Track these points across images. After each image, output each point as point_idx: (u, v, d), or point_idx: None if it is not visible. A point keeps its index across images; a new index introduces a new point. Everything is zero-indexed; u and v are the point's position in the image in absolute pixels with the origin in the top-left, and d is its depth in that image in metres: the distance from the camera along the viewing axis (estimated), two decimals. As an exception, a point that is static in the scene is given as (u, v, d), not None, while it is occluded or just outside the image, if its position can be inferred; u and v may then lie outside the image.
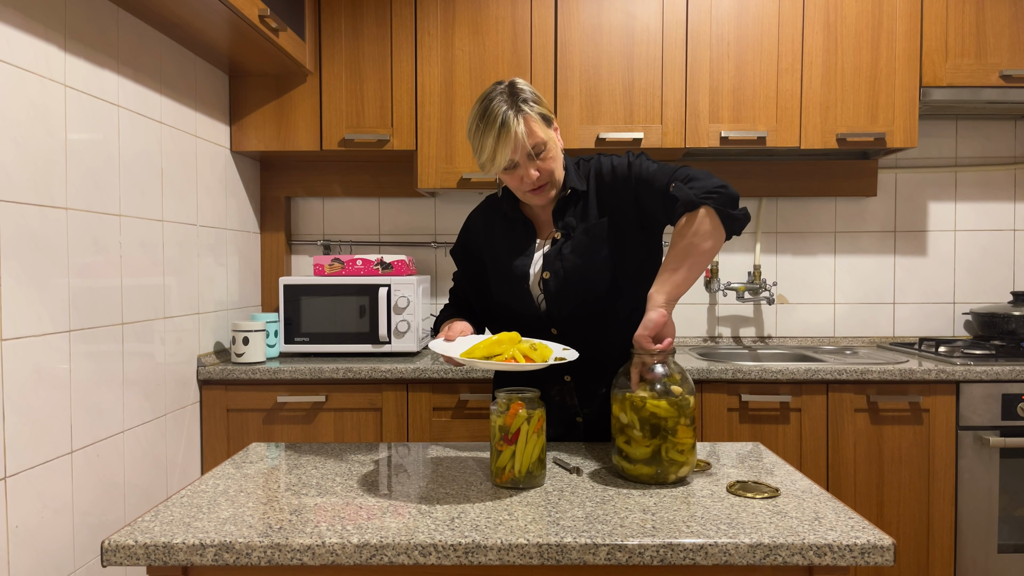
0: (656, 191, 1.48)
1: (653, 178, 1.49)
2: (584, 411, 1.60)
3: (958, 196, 3.02)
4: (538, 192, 1.51)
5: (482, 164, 1.47)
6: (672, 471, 1.30)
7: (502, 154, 1.43)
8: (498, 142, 1.42)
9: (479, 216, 1.70)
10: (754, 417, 2.39)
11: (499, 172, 1.48)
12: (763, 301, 3.02)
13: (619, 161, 1.57)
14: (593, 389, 1.59)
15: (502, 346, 1.33)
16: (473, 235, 1.68)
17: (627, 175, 1.54)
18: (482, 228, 1.67)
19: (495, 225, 1.64)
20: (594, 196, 1.57)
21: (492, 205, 1.68)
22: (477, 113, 1.45)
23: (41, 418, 1.65)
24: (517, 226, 1.61)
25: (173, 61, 2.28)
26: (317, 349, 2.62)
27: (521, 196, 1.55)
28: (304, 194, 3.00)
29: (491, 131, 1.42)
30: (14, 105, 1.59)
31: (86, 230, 1.83)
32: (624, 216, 1.54)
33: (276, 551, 1.05)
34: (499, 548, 1.04)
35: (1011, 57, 2.61)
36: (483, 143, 1.44)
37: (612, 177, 1.55)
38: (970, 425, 2.36)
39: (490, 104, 1.44)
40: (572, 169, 1.58)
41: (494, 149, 1.43)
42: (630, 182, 1.53)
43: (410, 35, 2.66)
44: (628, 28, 2.62)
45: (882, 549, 1.04)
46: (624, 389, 1.34)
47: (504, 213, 1.62)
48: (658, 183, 1.48)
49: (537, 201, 1.54)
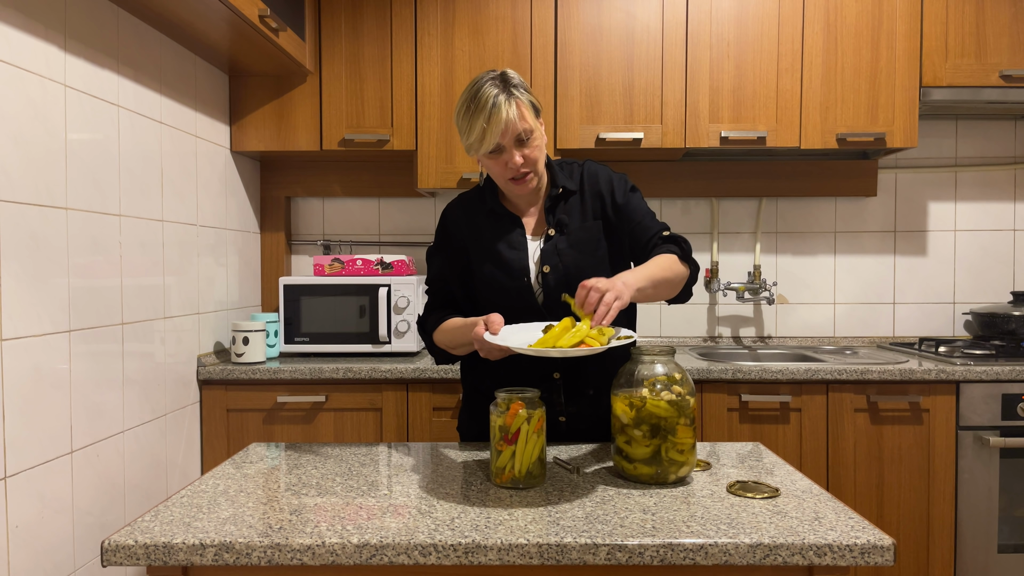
0: (647, 228, 1.59)
1: (647, 215, 1.61)
2: (569, 410, 1.60)
3: (958, 196, 3.02)
4: (520, 182, 1.51)
5: (469, 145, 1.47)
6: (672, 471, 1.30)
7: (491, 135, 1.43)
8: (489, 122, 1.42)
9: (458, 212, 1.66)
10: (754, 417, 2.39)
11: (484, 156, 1.48)
12: (763, 301, 3.03)
13: (618, 179, 1.62)
14: (580, 388, 1.60)
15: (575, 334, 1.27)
16: (455, 231, 1.64)
17: (627, 198, 1.60)
18: (464, 224, 1.63)
19: (479, 220, 1.62)
20: (588, 198, 1.60)
21: (471, 201, 1.65)
22: (467, 96, 1.46)
23: (41, 418, 1.65)
24: (504, 221, 1.60)
25: (173, 61, 2.28)
26: (317, 349, 2.62)
27: (503, 185, 1.55)
28: (304, 194, 3.00)
29: (482, 112, 1.43)
30: (14, 105, 1.59)
31: (86, 230, 1.83)
32: (613, 228, 1.60)
33: (276, 551, 1.05)
34: (499, 548, 1.04)
35: (1011, 57, 2.61)
36: (473, 124, 1.44)
37: (611, 192, 1.60)
38: (970, 425, 2.36)
39: (481, 87, 1.44)
40: (558, 169, 1.61)
41: (484, 130, 1.43)
42: (629, 206, 1.60)
43: (410, 35, 2.66)
44: (628, 28, 2.62)
45: (882, 549, 1.04)
46: (625, 389, 1.33)
47: (490, 209, 1.61)
48: (652, 223, 1.60)
49: (519, 191, 1.54)
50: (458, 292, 1.66)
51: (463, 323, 1.52)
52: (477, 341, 1.36)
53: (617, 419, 1.34)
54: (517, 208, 1.63)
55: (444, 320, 1.60)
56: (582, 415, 1.61)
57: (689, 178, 2.95)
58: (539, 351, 1.26)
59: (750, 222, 3.03)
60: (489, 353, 1.37)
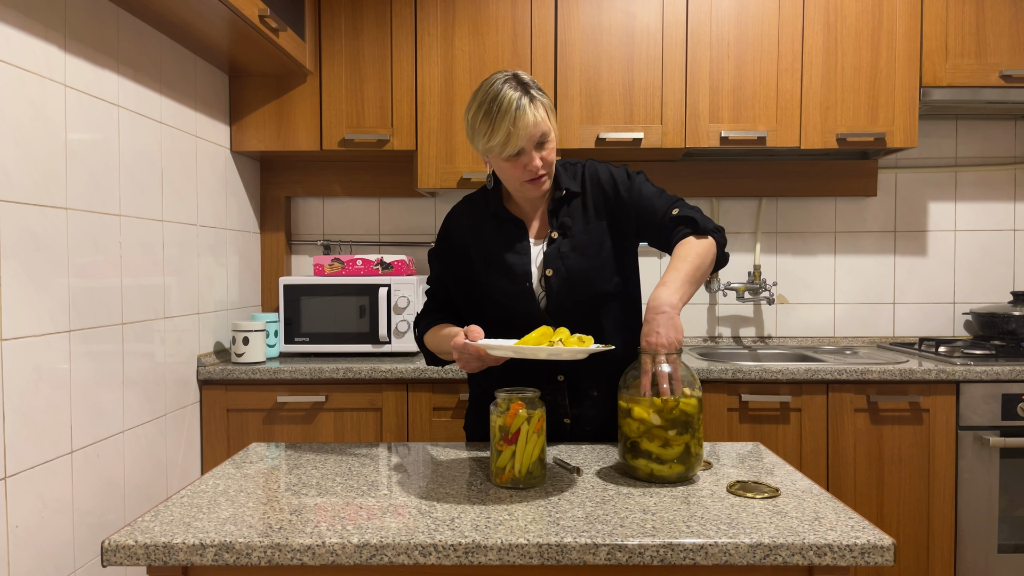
0: (656, 209, 1.56)
1: (653, 196, 1.58)
2: (573, 412, 1.60)
3: (958, 196, 3.02)
4: (536, 183, 1.50)
5: (489, 148, 1.45)
6: (696, 465, 1.32)
7: (518, 138, 1.42)
8: (516, 125, 1.41)
9: (462, 216, 1.65)
10: (754, 417, 2.39)
11: (504, 159, 1.46)
12: (763, 301, 3.03)
13: (618, 171, 1.61)
14: (585, 389, 1.59)
15: (549, 339, 1.32)
16: (457, 235, 1.64)
17: (628, 186, 1.59)
18: (468, 228, 1.63)
19: (482, 224, 1.62)
20: (590, 199, 1.59)
21: (475, 205, 1.65)
22: (485, 98, 1.44)
23: (41, 418, 1.65)
24: (507, 225, 1.60)
25: (173, 61, 2.29)
26: (317, 349, 2.62)
27: (516, 188, 1.53)
28: (304, 194, 3.00)
29: (507, 115, 1.41)
30: (14, 105, 1.59)
31: (86, 230, 1.83)
32: (619, 223, 1.58)
33: (276, 551, 1.05)
34: (499, 548, 1.04)
35: (1011, 57, 2.61)
36: (496, 127, 1.42)
37: (612, 186, 1.59)
38: (970, 425, 2.36)
39: (500, 90, 1.42)
40: (561, 170, 1.60)
41: (510, 133, 1.41)
42: (632, 194, 1.58)
43: (410, 35, 2.66)
44: (628, 28, 2.62)
45: (882, 549, 1.04)
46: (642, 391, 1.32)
47: (494, 212, 1.60)
48: (659, 203, 1.57)
49: (534, 193, 1.53)
50: (456, 295, 1.66)
51: (448, 333, 1.53)
52: (455, 350, 1.39)
53: (642, 422, 1.31)
54: (521, 211, 1.62)
55: (436, 324, 1.61)
56: (586, 417, 1.61)
57: (689, 178, 2.95)
58: (516, 349, 1.27)
59: (750, 222, 3.03)
60: (466, 363, 1.40)
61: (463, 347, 1.36)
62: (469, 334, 1.37)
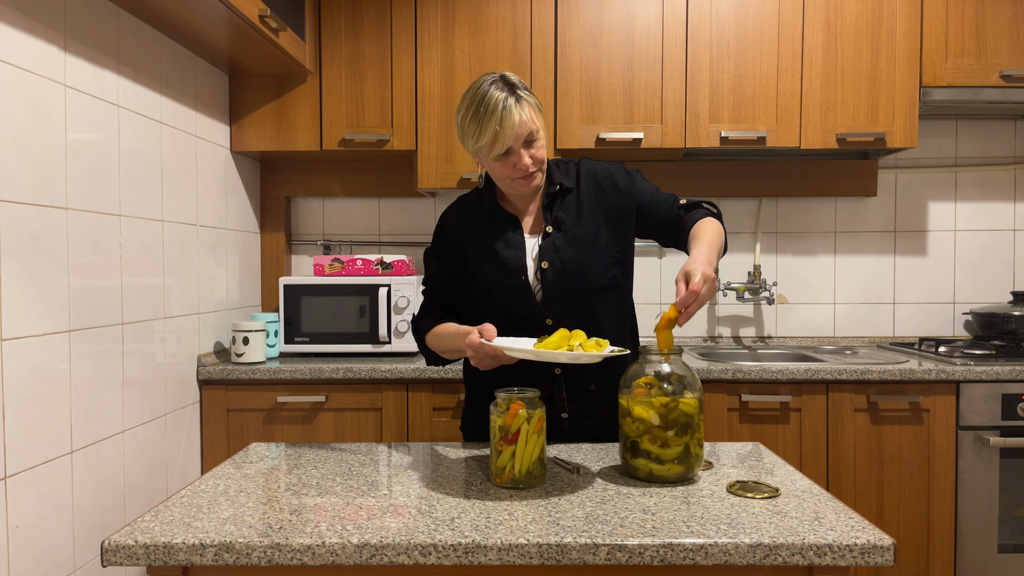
0: (661, 203, 1.63)
1: (655, 193, 1.65)
2: (571, 406, 1.60)
3: (958, 196, 3.02)
4: (527, 180, 1.53)
5: (478, 149, 1.48)
6: (696, 466, 1.32)
7: (504, 138, 1.45)
8: (502, 126, 1.44)
9: (456, 214, 1.67)
10: (754, 417, 2.39)
11: (493, 159, 1.49)
12: (763, 301, 3.03)
13: (615, 168, 1.65)
14: (582, 384, 1.60)
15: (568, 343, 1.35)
16: (453, 234, 1.65)
17: (629, 183, 1.63)
18: (463, 227, 1.65)
19: (477, 222, 1.64)
20: (585, 195, 1.61)
21: (470, 204, 1.67)
22: (472, 100, 1.47)
23: (41, 418, 1.65)
24: (502, 221, 1.62)
25: (173, 61, 2.28)
26: (317, 349, 2.62)
27: (507, 186, 1.56)
28: (304, 194, 3.00)
29: (492, 115, 1.44)
30: (14, 105, 1.59)
31: (86, 230, 1.83)
32: (616, 217, 1.61)
33: (276, 551, 1.05)
34: (499, 548, 1.04)
35: (1011, 57, 2.61)
36: (483, 128, 1.45)
37: (610, 181, 1.62)
38: (970, 425, 2.36)
39: (487, 92, 1.45)
40: (554, 167, 1.64)
41: (496, 133, 1.44)
42: (633, 191, 1.62)
43: (410, 35, 2.66)
44: (628, 28, 2.62)
45: (882, 549, 1.04)
46: (639, 390, 1.32)
47: (488, 209, 1.63)
48: (662, 198, 1.64)
49: (524, 190, 1.55)
50: (453, 294, 1.67)
51: (456, 330, 1.53)
52: (471, 348, 1.38)
53: (641, 422, 1.31)
54: (515, 208, 1.64)
55: (437, 323, 1.62)
56: (584, 411, 1.61)
57: (689, 178, 2.95)
58: (536, 353, 1.28)
59: (750, 222, 3.03)
60: (480, 361, 1.40)
61: (479, 346, 1.37)
62: (484, 333, 1.38)
